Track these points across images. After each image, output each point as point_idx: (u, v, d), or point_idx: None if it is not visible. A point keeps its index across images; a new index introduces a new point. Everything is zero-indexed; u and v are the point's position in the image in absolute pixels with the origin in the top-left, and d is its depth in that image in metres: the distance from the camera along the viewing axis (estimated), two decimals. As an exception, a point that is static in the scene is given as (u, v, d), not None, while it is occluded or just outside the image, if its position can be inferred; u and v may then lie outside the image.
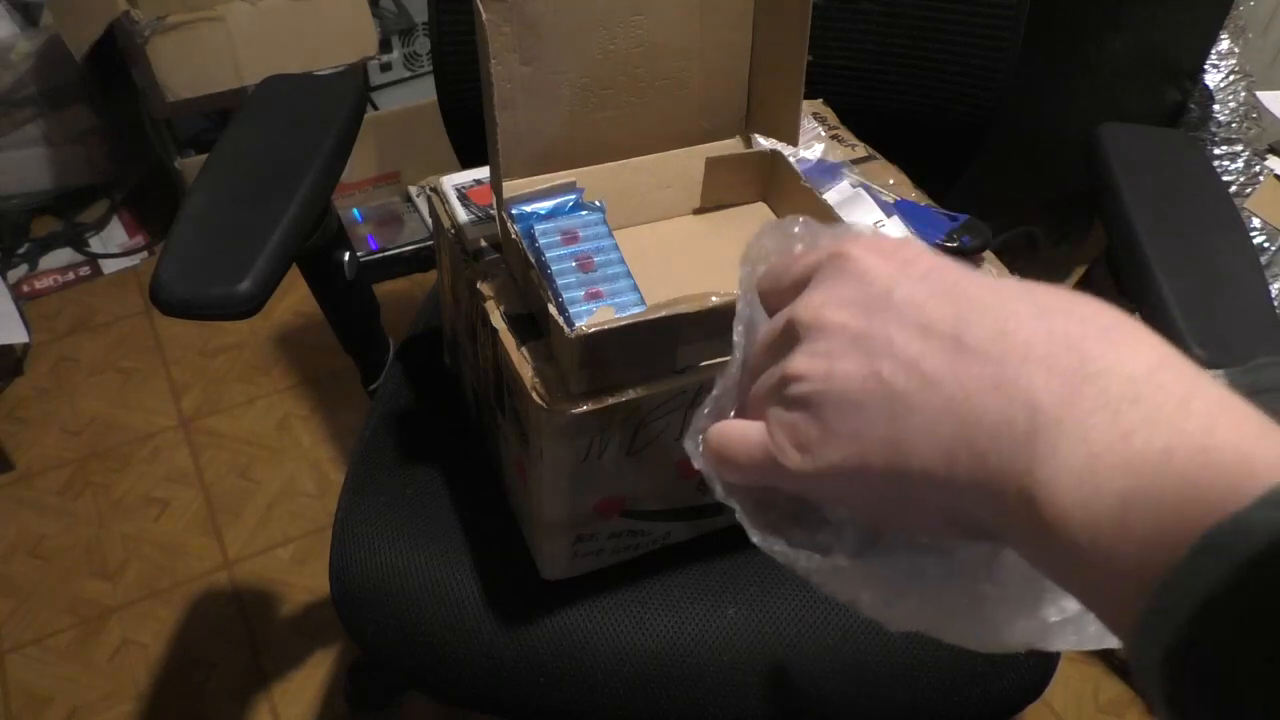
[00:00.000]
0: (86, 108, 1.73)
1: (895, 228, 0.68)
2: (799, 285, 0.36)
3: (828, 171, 0.72)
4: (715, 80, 0.66)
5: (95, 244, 1.78)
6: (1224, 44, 1.39)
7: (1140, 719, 1.19)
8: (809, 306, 0.34)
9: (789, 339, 0.35)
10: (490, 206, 0.68)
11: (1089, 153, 0.75)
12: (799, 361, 0.34)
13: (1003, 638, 0.34)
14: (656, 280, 0.62)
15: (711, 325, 0.55)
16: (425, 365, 0.84)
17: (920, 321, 0.31)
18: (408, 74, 1.78)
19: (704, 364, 0.58)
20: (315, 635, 1.25)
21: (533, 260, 0.58)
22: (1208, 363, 0.63)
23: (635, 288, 0.59)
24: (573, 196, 0.63)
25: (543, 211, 0.61)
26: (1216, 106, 1.40)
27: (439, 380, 0.82)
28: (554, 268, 0.58)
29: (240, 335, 1.62)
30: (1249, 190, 1.38)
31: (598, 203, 0.63)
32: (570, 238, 0.60)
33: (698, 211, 0.70)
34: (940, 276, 0.32)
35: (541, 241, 0.59)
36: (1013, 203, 1.51)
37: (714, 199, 0.69)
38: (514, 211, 0.61)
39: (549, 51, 0.59)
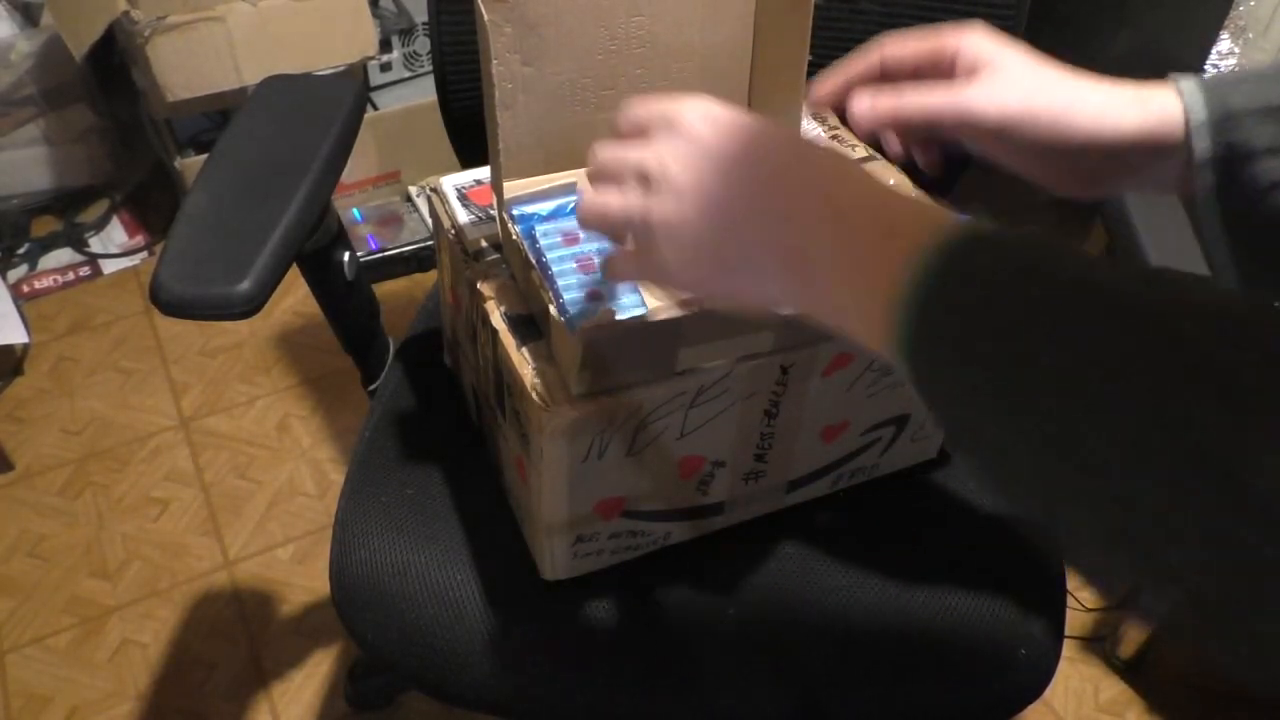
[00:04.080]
0: (86, 108, 1.73)
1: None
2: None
3: (828, 172, 0.72)
4: (716, 80, 0.66)
5: (95, 244, 1.78)
6: (1224, 44, 1.39)
7: (1140, 719, 1.19)
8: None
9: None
10: (490, 207, 0.68)
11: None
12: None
13: None
14: (657, 280, 0.62)
15: (712, 326, 0.55)
16: (425, 365, 0.84)
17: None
18: (408, 74, 1.78)
19: (705, 365, 0.58)
20: (315, 635, 1.25)
21: (533, 261, 0.58)
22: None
23: (636, 288, 0.59)
24: (574, 197, 0.63)
25: (544, 213, 0.61)
26: (1217, 106, 1.39)
27: (439, 380, 0.82)
28: (555, 268, 0.58)
29: (240, 335, 1.62)
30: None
31: None
32: (571, 238, 0.60)
33: (698, 212, 0.70)
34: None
35: (543, 242, 0.59)
36: (1013, 202, 1.51)
37: (714, 199, 0.69)
38: (515, 212, 0.61)
39: (550, 52, 0.59)
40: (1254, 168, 0.45)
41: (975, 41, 0.53)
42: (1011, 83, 0.51)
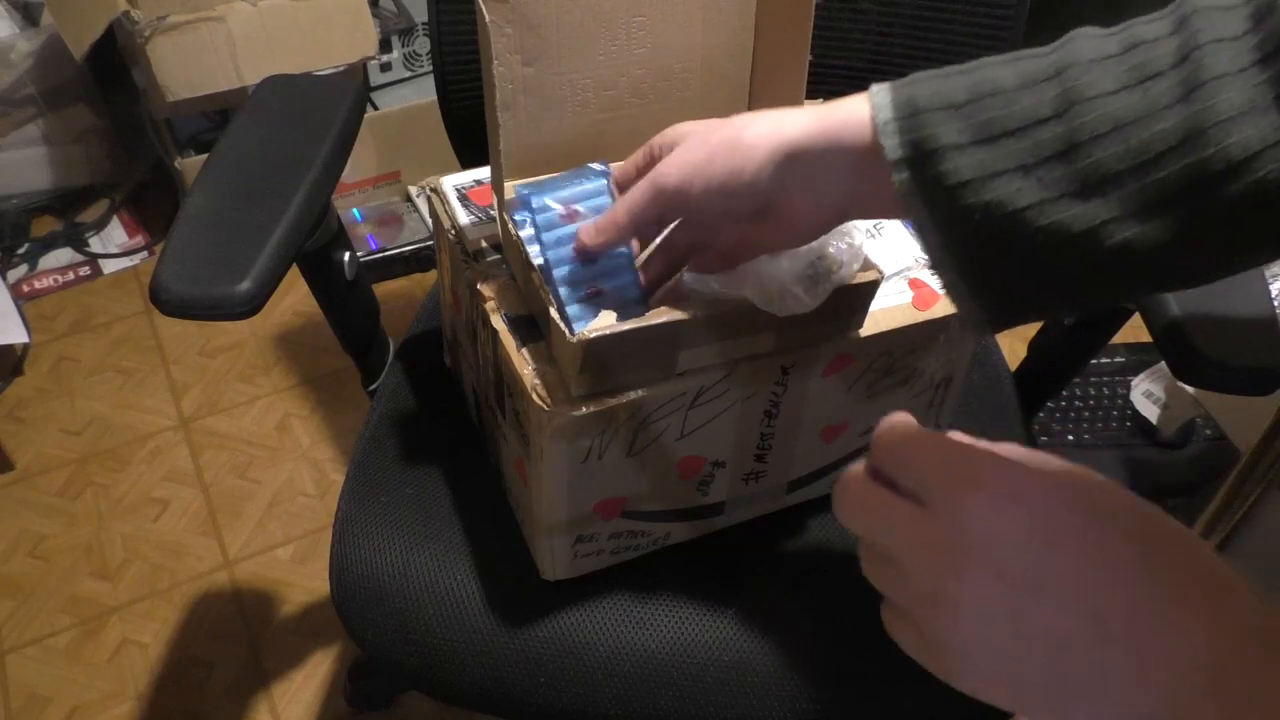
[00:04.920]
0: (86, 108, 1.73)
1: (894, 230, 0.68)
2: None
3: (828, 172, 0.72)
4: (717, 81, 0.66)
5: (95, 244, 1.78)
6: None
7: (1140, 719, 1.19)
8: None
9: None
10: (490, 207, 0.68)
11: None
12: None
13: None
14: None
15: (713, 329, 0.55)
16: (425, 365, 0.84)
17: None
18: (408, 74, 1.78)
19: (705, 367, 0.58)
20: (315, 635, 1.25)
21: (531, 260, 0.58)
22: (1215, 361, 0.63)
23: (638, 283, 0.58)
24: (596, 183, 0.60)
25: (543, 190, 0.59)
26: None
27: (439, 380, 0.82)
28: (553, 266, 0.58)
29: (240, 335, 1.62)
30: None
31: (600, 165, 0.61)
32: (569, 215, 0.58)
33: (698, 212, 0.70)
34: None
35: (539, 219, 0.57)
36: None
37: (714, 199, 0.69)
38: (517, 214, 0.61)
39: (551, 53, 0.59)
40: (942, 165, 0.43)
41: (670, 131, 0.53)
42: (694, 139, 0.51)
